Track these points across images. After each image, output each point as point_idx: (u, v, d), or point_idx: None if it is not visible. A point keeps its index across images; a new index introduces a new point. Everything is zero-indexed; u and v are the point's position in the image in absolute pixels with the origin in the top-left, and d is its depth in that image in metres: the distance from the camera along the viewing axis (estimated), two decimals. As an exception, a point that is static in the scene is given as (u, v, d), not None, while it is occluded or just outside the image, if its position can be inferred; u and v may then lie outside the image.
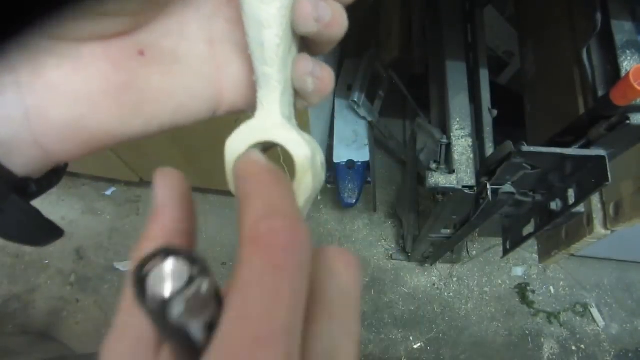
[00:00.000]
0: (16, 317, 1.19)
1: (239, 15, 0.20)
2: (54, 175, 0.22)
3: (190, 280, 0.14)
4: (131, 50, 0.21)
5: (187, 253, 0.15)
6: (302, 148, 0.21)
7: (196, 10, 0.22)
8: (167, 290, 0.14)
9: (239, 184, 0.18)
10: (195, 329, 0.15)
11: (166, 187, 0.21)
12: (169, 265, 0.14)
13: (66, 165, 0.23)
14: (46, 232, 0.22)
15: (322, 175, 0.22)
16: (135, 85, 0.21)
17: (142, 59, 0.21)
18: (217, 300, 0.15)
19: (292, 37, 0.21)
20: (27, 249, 1.25)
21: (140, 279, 0.14)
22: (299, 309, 0.15)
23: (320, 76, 0.22)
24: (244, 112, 0.24)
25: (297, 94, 0.22)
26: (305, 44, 0.22)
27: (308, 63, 0.21)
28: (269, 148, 0.22)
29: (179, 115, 0.23)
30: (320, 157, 0.22)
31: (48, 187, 0.22)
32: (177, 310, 0.14)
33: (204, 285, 0.14)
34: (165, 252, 0.14)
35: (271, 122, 0.21)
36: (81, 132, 0.20)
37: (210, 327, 0.15)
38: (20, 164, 0.20)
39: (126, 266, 1.23)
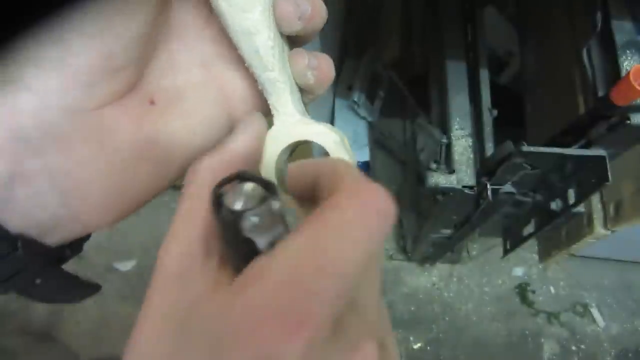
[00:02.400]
0: (16, 317, 1.19)
1: (222, 33, 0.20)
2: (86, 236, 0.22)
3: (263, 200, 0.16)
4: (143, 102, 0.20)
5: (261, 178, 0.17)
6: (330, 136, 0.21)
7: (179, 39, 0.22)
8: (242, 205, 0.16)
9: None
10: (262, 243, 0.16)
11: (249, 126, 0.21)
12: (246, 186, 0.16)
13: None
14: (82, 289, 0.23)
15: (354, 156, 0.22)
16: (159, 136, 0.21)
17: (155, 108, 0.21)
18: (284, 223, 0.17)
19: (281, 36, 0.21)
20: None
21: (218, 195, 0.16)
22: (363, 270, 0.16)
23: (318, 66, 0.21)
24: None
25: (301, 89, 0.22)
26: (290, 39, 0.22)
27: (303, 57, 0.21)
28: (294, 149, 0.23)
29: (206, 145, 0.22)
30: (345, 138, 0.22)
31: (80, 248, 0.23)
32: (249, 223, 0.16)
33: (275, 205, 0.16)
34: (242, 176, 0.17)
35: (291, 123, 0.21)
36: (120, 200, 0.20)
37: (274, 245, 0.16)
38: (60, 237, 0.20)
39: (126, 266, 1.23)
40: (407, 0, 1.16)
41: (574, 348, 1.19)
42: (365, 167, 1.20)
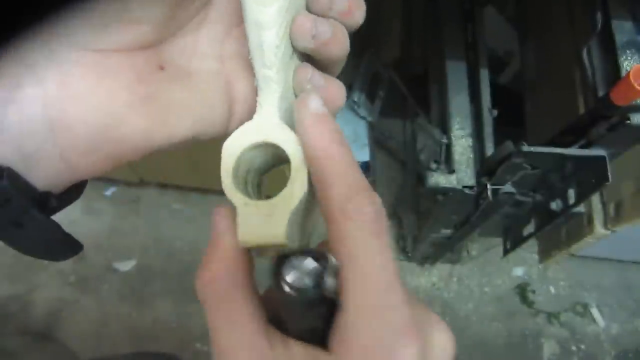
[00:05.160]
0: (16, 317, 1.19)
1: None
2: (74, 190, 0.22)
3: (319, 274, 0.18)
4: (153, 64, 0.21)
5: (313, 252, 0.18)
6: (296, 147, 0.20)
7: (209, 30, 0.23)
8: (303, 281, 0.17)
9: (317, 161, 0.19)
10: (317, 315, 0.19)
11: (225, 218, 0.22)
12: (304, 262, 0.18)
13: (86, 181, 0.23)
14: (65, 246, 0.22)
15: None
16: (158, 98, 0.21)
17: (162, 73, 0.22)
18: (336, 287, 0.18)
19: (292, 46, 0.21)
20: (27, 249, 1.25)
21: (279, 270, 0.18)
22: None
23: (322, 85, 0.21)
24: None
25: None
26: (310, 60, 0.22)
27: (307, 70, 0.21)
28: (276, 162, 0.23)
29: (198, 127, 0.23)
30: None
31: (68, 202, 0.22)
32: (308, 297, 0.17)
33: (330, 281, 0.18)
34: (305, 253, 0.18)
35: (268, 123, 0.21)
36: (105, 145, 0.20)
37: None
38: (43, 177, 0.20)
39: (126, 266, 1.23)
40: (407, 0, 1.16)
41: (574, 348, 1.19)
42: (365, 167, 1.20)
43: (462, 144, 0.71)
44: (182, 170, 1.12)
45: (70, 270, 1.24)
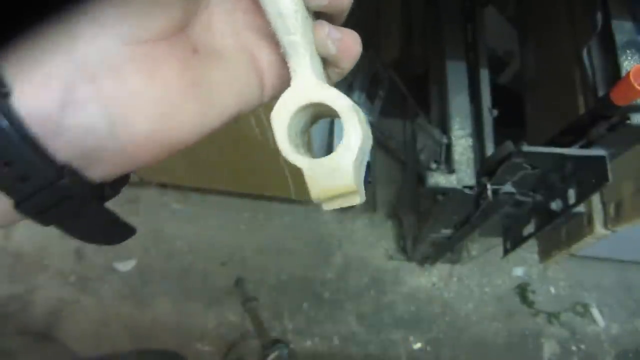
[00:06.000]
0: (16, 317, 1.19)
1: (254, 6, 0.22)
2: (125, 176, 0.23)
3: None
4: (189, 48, 0.22)
5: None
6: (342, 99, 0.22)
7: (218, 6, 0.23)
8: None
9: None
10: None
11: None
12: None
13: None
14: (120, 231, 0.23)
15: (368, 131, 0.23)
16: (201, 81, 0.22)
17: (198, 56, 0.22)
18: None
19: (308, 9, 0.22)
20: (27, 249, 1.25)
21: None
22: None
23: (339, 38, 0.22)
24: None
25: (327, 62, 0.23)
26: (319, 16, 0.23)
27: (324, 27, 0.22)
28: (315, 119, 0.24)
29: (240, 103, 0.23)
30: (362, 114, 0.23)
31: (120, 189, 0.23)
32: None
33: None
34: None
35: (307, 85, 0.22)
36: (163, 134, 0.21)
37: None
38: (101, 170, 0.20)
39: (126, 266, 1.23)
40: (407, 0, 1.16)
41: (574, 348, 1.19)
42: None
43: (462, 144, 0.71)
44: (182, 170, 1.12)
45: (70, 270, 1.24)
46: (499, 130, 0.72)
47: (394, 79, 1.19)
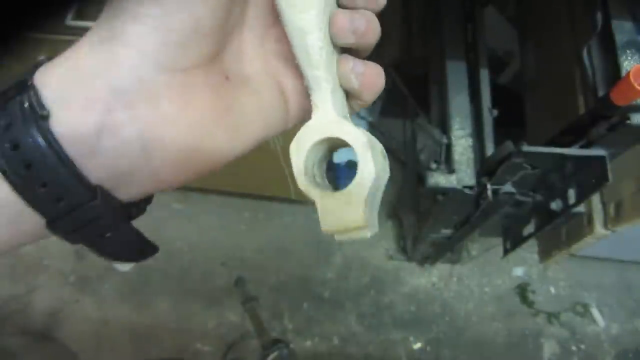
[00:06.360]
0: (16, 317, 1.19)
1: (284, 34, 0.22)
2: (150, 195, 0.23)
3: None
4: (221, 75, 0.22)
5: None
6: (358, 136, 0.22)
7: (248, 33, 0.24)
8: None
9: None
10: None
11: None
12: None
13: None
14: (144, 248, 0.24)
15: (384, 164, 0.23)
16: (233, 108, 0.22)
17: (229, 83, 0.22)
18: None
19: (333, 43, 0.22)
20: (27, 249, 1.25)
21: None
22: None
23: (362, 72, 0.23)
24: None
25: (350, 94, 0.24)
26: (345, 49, 0.24)
27: (348, 62, 0.23)
28: (334, 148, 0.24)
29: (267, 129, 0.24)
30: (380, 147, 0.23)
31: (144, 208, 0.24)
32: None
33: None
34: None
35: (327, 119, 0.23)
36: (194, 160, 0.21)
37: None
38: (131, 191, 0.21)
39: (126, 266, 1.23)
40: (407, 0, 1.16)
41: (574, 348, 1.19)
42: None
43: (462, 144, 0.71)
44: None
45: (70, 270, 1.24)
46: (499, 130, 0.72)
47: (394, 79, 1.19)
